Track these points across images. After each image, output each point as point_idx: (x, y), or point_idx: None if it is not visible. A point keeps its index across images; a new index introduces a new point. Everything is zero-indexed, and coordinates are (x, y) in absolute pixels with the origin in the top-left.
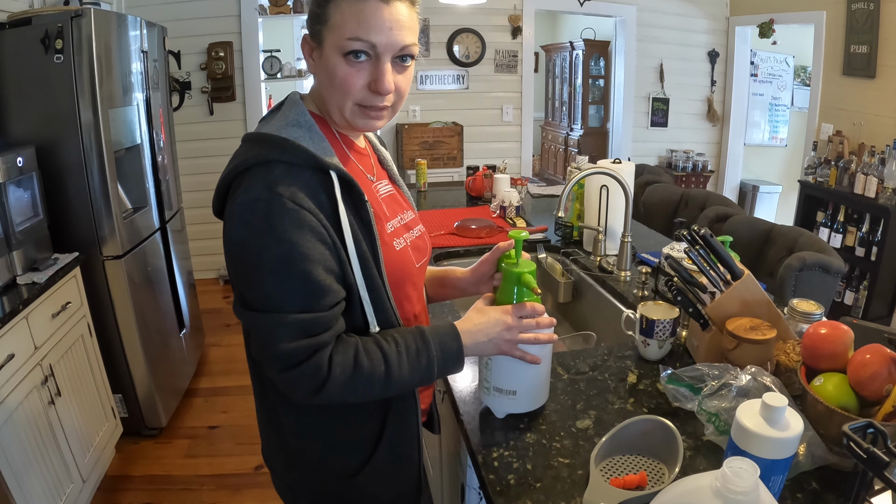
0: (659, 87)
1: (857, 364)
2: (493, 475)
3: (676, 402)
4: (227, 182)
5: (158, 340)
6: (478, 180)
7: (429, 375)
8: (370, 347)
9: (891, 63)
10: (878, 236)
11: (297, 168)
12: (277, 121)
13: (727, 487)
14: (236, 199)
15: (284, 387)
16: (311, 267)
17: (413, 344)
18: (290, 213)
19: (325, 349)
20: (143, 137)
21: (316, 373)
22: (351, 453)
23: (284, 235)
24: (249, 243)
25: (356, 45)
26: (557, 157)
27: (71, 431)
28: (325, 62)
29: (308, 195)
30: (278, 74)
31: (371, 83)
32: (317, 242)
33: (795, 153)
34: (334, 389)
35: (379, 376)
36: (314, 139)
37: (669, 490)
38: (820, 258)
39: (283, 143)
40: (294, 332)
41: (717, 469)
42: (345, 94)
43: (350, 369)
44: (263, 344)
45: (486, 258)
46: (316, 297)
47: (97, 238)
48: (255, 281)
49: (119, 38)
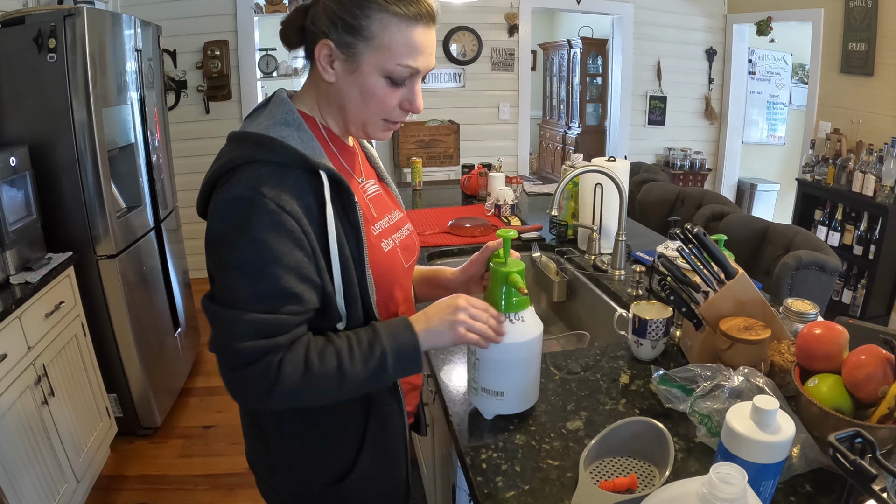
0: (656, 85)
1: (852, 365)
2: (480, 477)
3: (669, 403)
4: (212, 182)
5: (153, 340)
6: (473, 179)
7: (383, 370)
8: (321, 345)
9: (889, 61)
10: (875, 235)
11: (285, 168)
12: (264, 119)
13: (714, 494)
14: (219, 196)
15: (233, 388)
16: (282, 272)
17: (364, 337)
18: (271, 214)
19: (277, 352)
20: (137, 136)
21: (265, 375)
22: (334, 458)
23: (260, 236)
24: (225, 239)
25: (404, 73)
26: (555, 156)
27: (65, 431)
28: (361, 80)
29: (294, 197)
30: (274, 73)
31: (405, 102)
32: (294, 248)
33: (793, 151)
34: (284, 392)
35: (331, 374)
36: (303, 138)
37: (656, 496)
38: (816, 257)
39: (271, 143)
40: (250, 330)
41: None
42: (378, 113)
43: (301, 369)
44: (218, 338)
45: (476, 258)
46: (280, 302)
47: (91, 237)
48: (224, 276)
49: (113, 37)
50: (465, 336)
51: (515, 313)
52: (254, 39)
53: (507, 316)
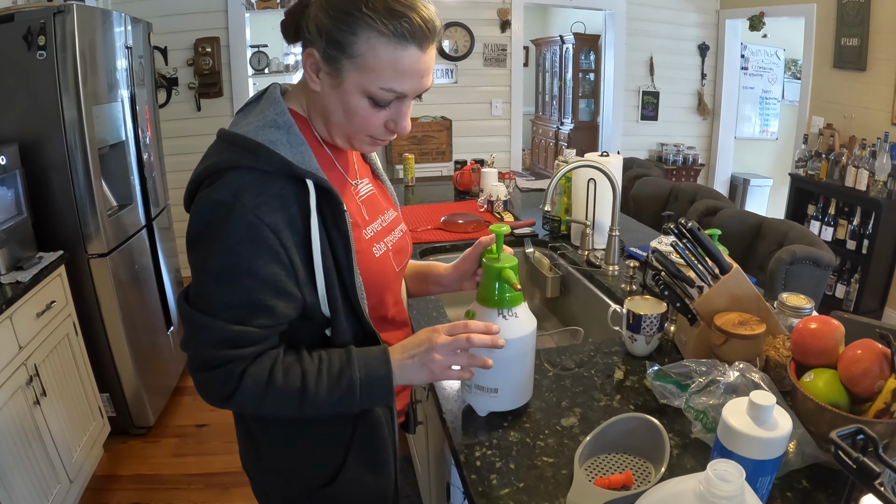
0: (649, 80)
1: (849, 360)
2: (475, 475)
3: (664, 399)
4: (199, 181)
5: (146, 338)
6: (465, 175)
7: (349, 398)
8: (289, 362)
9: (882, 56)
10: (869, 229)
11: (270, 176)
12: (255, 118)
13: (711, 492)
14: (201, 197)
15: (196, 386)
16: (255, 284)
17: (336, 363)
18: (249, 226)
19: (240, 362)
20: (128, 134)
21: (226, 381)
22: (322, 461)
23: (236, 247)
24: (202, 243)
25: (388, 97)
26: (548, 152)
27: (57, 431)
28: (344, 97)
29: (277, 208)
30: (266, 70)
31: (390, 123)
32: (270, 262)
33: (786, 146)
34: (242, 400)
35: (292, 393)
36: (292, 142)
37: (652, 493)
38: (811, 251)
39: (258, 150)
40: (217, 339)
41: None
42: (361, 132)
43: (262, 382)
44: (187, 339)
45: (468, 254)
46: (251, 315)
47: (82, 236)
48: (197, 279)
49: (103, 34)
50: (443, 375)
51: (509, 309)
52: (245, 36)
53: (500, 312)
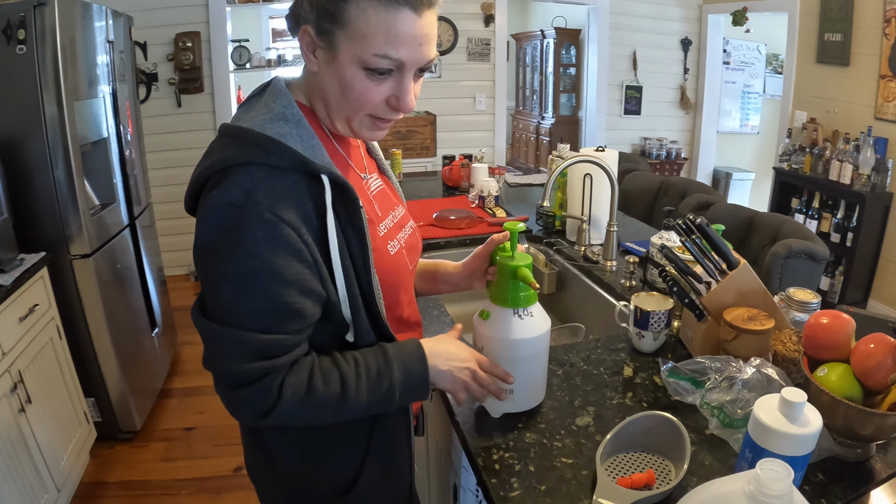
0: (632, 74)
1: (862, 354)
2: (495, 479)
3: (677, 395)
4: (203, 179)
5: (130, 340)
6: (454, 170)
7: (388, 401)
8: (327, 368)
9: (865, 51)
10: (853, 222)
11: (282, 172)
12: (260, 112)
13: (761, 491)
14: (210, 200)
15: (229, 406)
16: (281, 288)
17: (374, 364)
18: (267, 225)
19: (278, 373)
20: (109, 131)
21: (265, 396)
22: (338, 471)
23: (255, 249)
24: (216, 249)
25: (383, 64)
26: (528, 146)
27: (43, 439)
28: (339, 70)
29: (292, 204)
30: (247, 65)
31: (391, 99)
32: (293, 261)
33: (768, 140)
34: (283, 414)
35: (333, 400)
36: (303, 136)
37: (695, 495)
38: (806, 245)
39: (268, 144)
40: (249, 352)
41: (726, 465)
42: (360, 108)
43: (302, 392)
44: (213, 357)
45: (479, 252)
46: (280, 320)
47: (64, 236)
48: (217, 290)
49: (84, 28)
50: (459, 393)
51: (524, 308)
52: (226, 30)
53: (515, 311)
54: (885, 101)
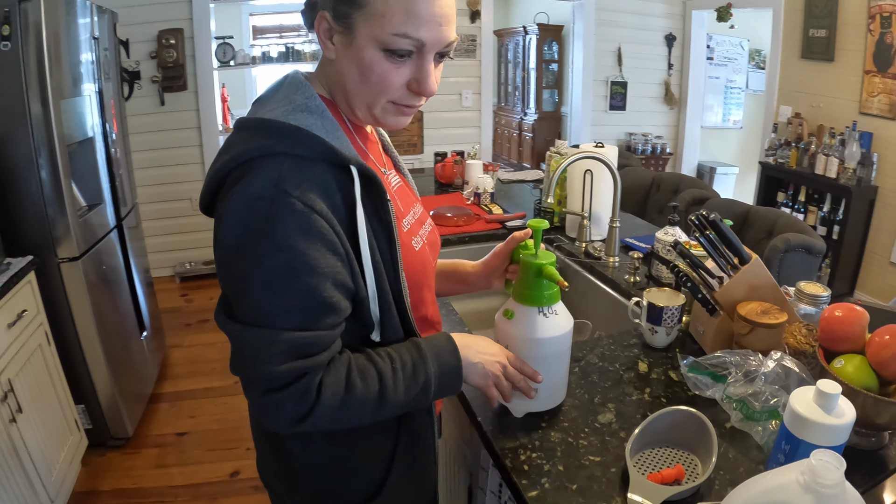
0: (617, 70)
1: (878, 345)
2: (525, 480)
3: (697, 389)
4: (222, 176)
5: (119, 345)
6: (447, 167)
7: (425, 396)
8: (363, 365)
9: (849, 47)
10: (839, 215)
11: (311, 162)
12: (280, 104)
13: (817, 481)
14: (234, 195)
15: (264, 412)
16: (317, 281)
17: (409, 359)
18: (299, 216)
19: (317, 372)
20: (95, 130)
21: (303, 398)
22: (364, 475)
23: (288, 242)
24: (245, 247)
25: (403, 44)
26: (511, 142)
27: (35, 449)
28: (358, 54)
29: (321, 195)
30: (232, 62)
31: (412, 83)
32: (327, 252)
33: (751, 135)
34: (321, 416)
35: (372, 398)
36: (328, 128)
37: (747, 489)
38: (804, 239)
39: (296, 133)
40: (286, 351)
41: (748, 457)
42: (380, 93)
43: (342, 392)
44: (248, 362)
45: (500, 251)
46: (317, 315)
47: (51, 239)
48: (247, 290)
49: (68, 24)
50: (491, 389)
51: (549, 307)
52: (210, 27)
53: (540, 310)
54: (870, 95)
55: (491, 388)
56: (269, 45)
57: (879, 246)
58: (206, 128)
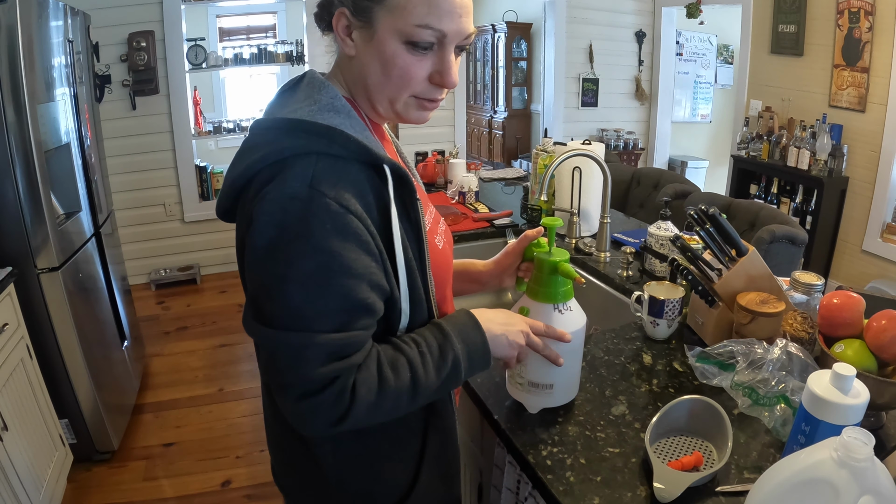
0: (588, 67)
1: (876, 330)
2: (550, 475)
3: (704, 378)
4: (248, 176)
5: (101, 356)
6: (430, 166)
7: (456, 376)
8: (392, 356)
9: (819, 41)
10: (811, 206)
11: (344, 162)
12: (305, 104)
13: (850, 456)
14: (267, 195)
15: (301, 417)
16: (354, 283)
17: (434, 341)
18: (335, 216)
19: (352, 373)
20: (71, 136)
21: (339, 399)
22: (395, 477)
23: (324, 244)
24: (279, 249)
25: (425, 35)
26: (482, 140)
27: (22, 468)
28: (379, 47)
29: (355, 195)
30: (204, 64)
31: (434, 75)
32: (362, 253)
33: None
34: (358, 414)
35: (406, 387)
36: (356, 128)
37: (782, 468)
38: (788, 230)
39: (330, 133)
40: (324, 354)
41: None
42: (403, 87)
43: (375, 387)
44: (284, 367)
45: (511, 249)
46: (353, 317)
47: (30, 249)
48: (282, 293)
49: (41, 26)
50: (513, 361)
51: (564, 303)
52: (181, 29)
53: (555, 307)
54: (839, 89)
55: (513, 359)
56: (242, 46)
57: (851, 235)
58: (179, 131)
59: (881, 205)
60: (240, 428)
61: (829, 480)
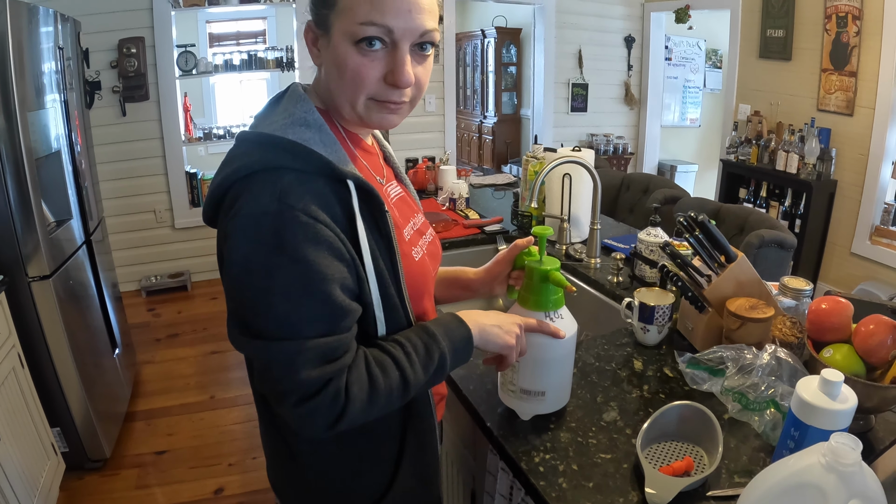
0: (578, 72)
1: (864, 334)
2: (543, 481)
3: (694, 384)
4: (224, 188)
5: (92, 364)
6: (420, 173)
7: (441, 371)
8: (378, 356)
9: (807, 46)
10: (800, 210)
11: (309, 176)
12: (280, 117)
13: (838, 461)
14: (240, 211)
15: (301, 421)
16: (331, 288)
17: (418, 340)
18: (305, 227)
19: (343, 373)
20: (62, 143)
21: (335, 400)
22: (374, 476)
23: (300, 254)
24: (257, 263)
25: (370, 31)
26: (471, 146)
27: (15, 478)
28: (334, 51)
29: (321, 207)
30: (194, 70)
31: (387, 75)
32: (334, 260)
33: (709, 133)
34: (354, 413)
35: (396, 386)
36: (325, 142)
37: (772, 473)
38: (777, 235)
39: (294, 148)
40: (314, 358)
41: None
42: (357, 89)
43: (366, 385)
44: (279, 376)
45: (502, 257)
46: (336, 320)
47: (21, 257)
48: (266, 305)
49: (33, 33)
50: (512, 353)
51: (554, 311)
52: (171, 35)
53: (546, 315)
54: (827, 93)
55: (513, 352)
56: (232, 52)
57: (840, 237)
58: (169, 138)
59: (869, 208)
60: (232, 435)
61: (817, 485)
